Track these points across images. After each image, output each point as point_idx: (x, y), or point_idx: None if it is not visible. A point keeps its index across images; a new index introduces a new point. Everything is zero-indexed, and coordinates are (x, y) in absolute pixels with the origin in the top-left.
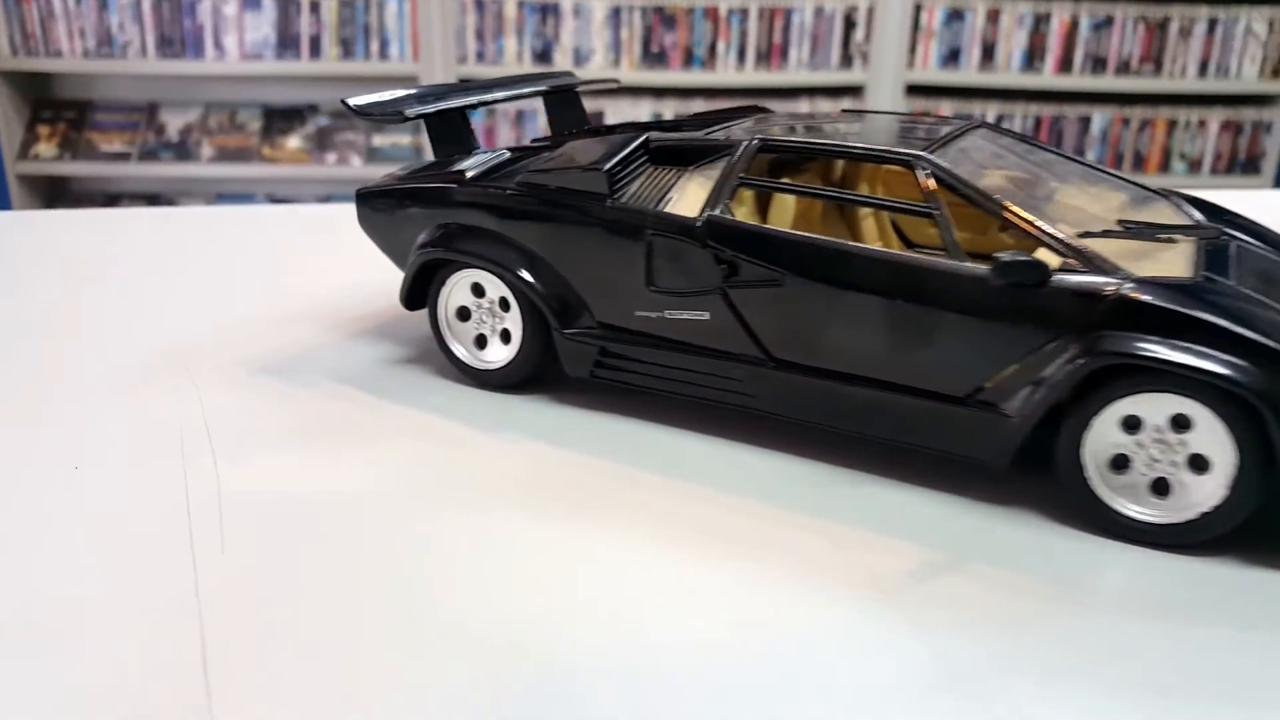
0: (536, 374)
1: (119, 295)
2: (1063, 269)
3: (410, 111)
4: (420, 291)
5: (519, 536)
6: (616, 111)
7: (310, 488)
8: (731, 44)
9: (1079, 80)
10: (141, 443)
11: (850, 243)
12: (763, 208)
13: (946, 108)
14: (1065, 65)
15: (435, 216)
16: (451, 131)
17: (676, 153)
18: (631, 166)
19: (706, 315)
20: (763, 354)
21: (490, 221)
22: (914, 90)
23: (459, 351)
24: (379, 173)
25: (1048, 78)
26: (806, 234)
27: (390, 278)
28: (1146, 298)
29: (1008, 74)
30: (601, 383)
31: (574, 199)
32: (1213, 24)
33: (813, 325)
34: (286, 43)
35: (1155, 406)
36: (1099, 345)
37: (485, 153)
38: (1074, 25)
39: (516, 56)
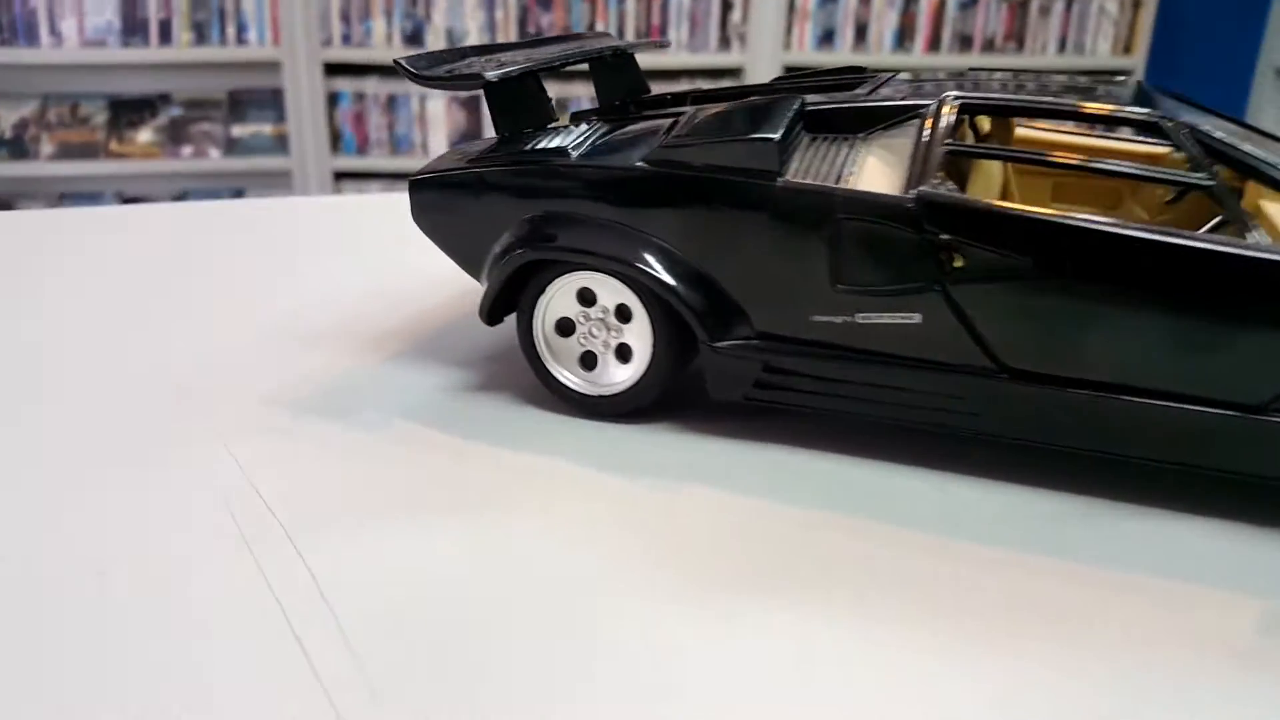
0: (661, 397)
1: (82, 314)
2: None
3: (492, 74)
4: (507, 301)
5: (774, 630)
6: None
7: (442, 571)
8: (609, 25)
9: (947, 58)
10: (180, 529)
11: (1126, 222)
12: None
13: None
14: (934, 44)
15: (529, 207)
16: (523, 101)
17: (836, 120)
18: (793, 135)
19: (917, 318)
20: (993, 363)
21: (609, 211)
22: (792, 70)
23: (562, 375)
24: (240, 166)
25: (918, 57)
26: (1067, 213)
27: (412, 280)
28: None
29: (880, 53)
30: (752, 405)
31: (731, 178)
32: (1070, 3)
33: (1066, 326)
34: (132, 28)
35: None
36: None
37: (570, 127)
38: (942, 5)
39: (386, 39)
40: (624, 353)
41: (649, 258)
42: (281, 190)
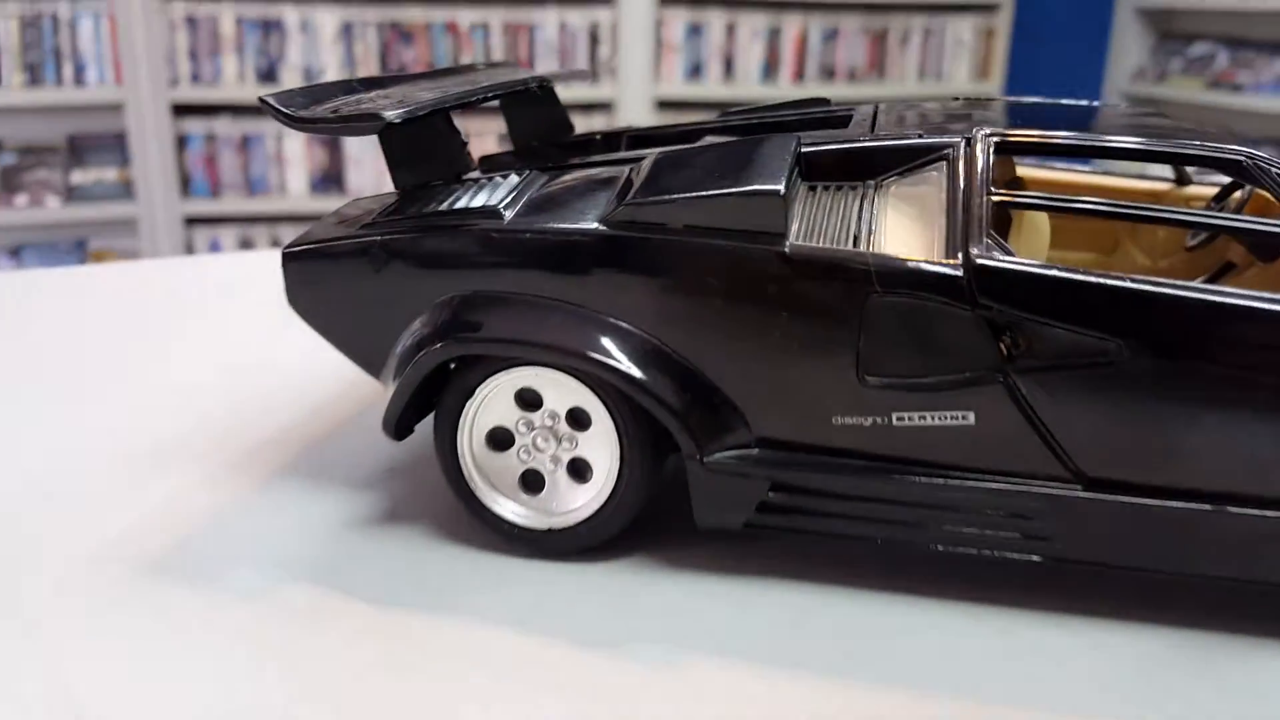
0: (628, 527)
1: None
2: None
3: (394, 113)
4: (420, 409)
5: None
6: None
7: None
8: (474, 59)
9: (813, 89)
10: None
11: (1254, 292)
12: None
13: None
14: (800, 75)
15: (448, 284)
16: (431, 146)
17: (840, 164)
18: (792, 188)
19: (971, 417)
20: (1067, 472)
21: (556, 287)
22: (664, 105)
23: (498, 504)
24: (82, 215)
25: (785, 88)
26: (1178, 283)
27: (290, 364)
28: None
29: (748, 85)
30: (754, 532)
31: (722, 242)
32: (927, 34)
33: (1167, 421)
34: None
35: None
36: None
37: (494, 179)
38: (805, 38)
39: (238, 77)
40: (579, 470)
41: (612, 347)
42: (127, 238)
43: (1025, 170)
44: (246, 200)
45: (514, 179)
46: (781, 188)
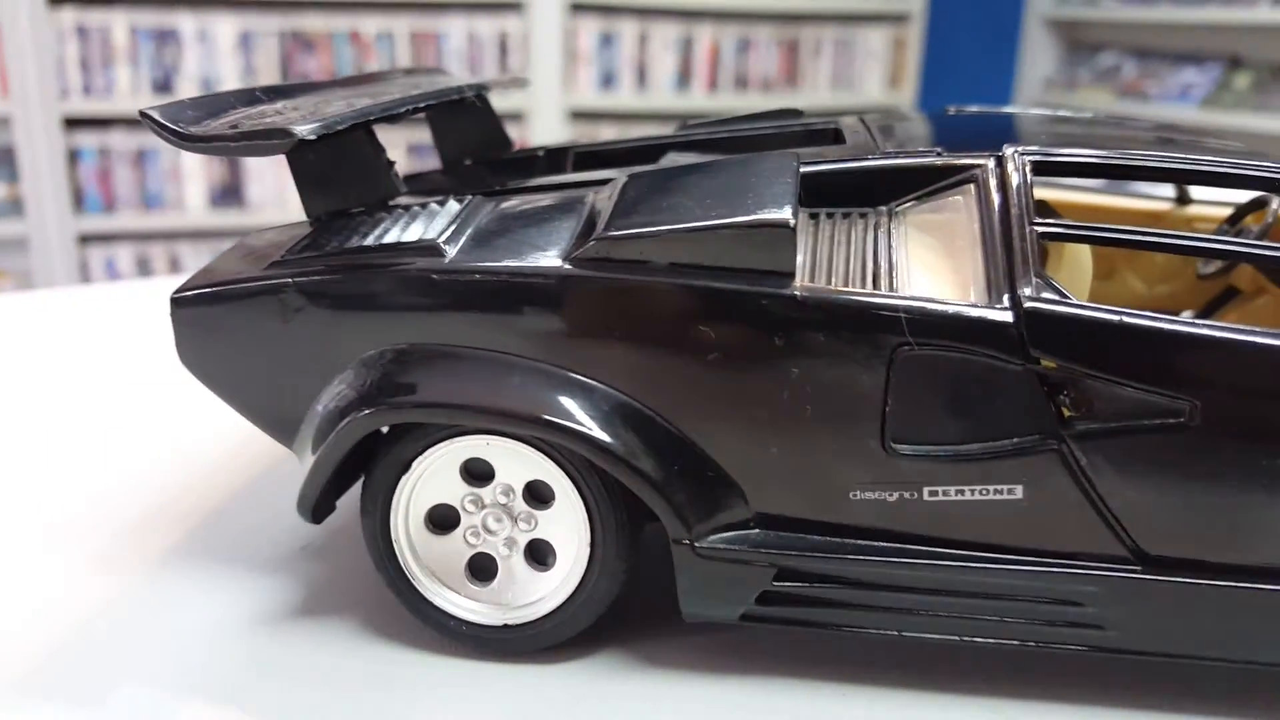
0: (596, 620)
1: None
2: None
3: (306, 129)
4: (343, 484)
5: None
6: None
7: None
8: (378, 69)
9: (726, 99)
10: None
11: None
12: None
13: (608, 131)
14: (714, 85)
15: (375, 336)
16: (351, 167)
17: (846, 187)
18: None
19: (1019, 491)
20: (1128, 551)
21: (510, 339)
22: (576, 115)
23: (441, 597)
24: None
25: (698, 98)
26: (1258, 329)
27: (178, 417)
28: None
29: (662, 96)
30: (752, 626)
31: (717, 284)
32: (839, 44)
33: (1251, 492)
34: None
35: None
36: None
37: (430, 207)
38: (718, 48)
39: (132, 88)
40: (539, 554)
41: (580, 410)
42: (18, 257)
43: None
44: (143, 216)
45: (454, 206)
46: (791, 218)
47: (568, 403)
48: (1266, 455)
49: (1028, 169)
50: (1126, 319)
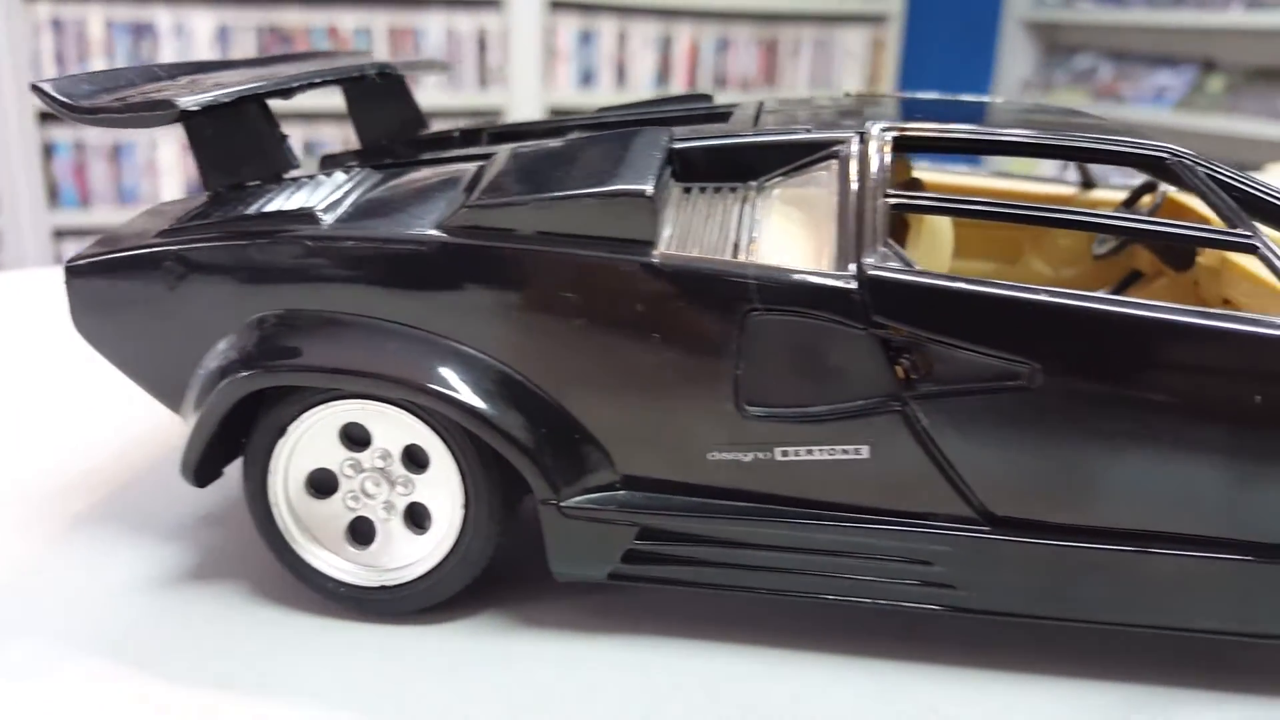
0: (473, 581)
1: None
2: None
3: (189, 101)
4: (225, 450)
5: None
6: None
7: None
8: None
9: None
10: None
11: (1193, 308)
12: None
13: None
14: (692, 84)
15: (256, 302)
16: (244, 141)
17: (718, 163)
18: (662, 189)
19: (865, 451)
20: (974, 512)
21: (385, 305)
22: (556, 113)
23: (320, 559)
24: None
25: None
26: (1101, 296)
27: (76, 397)
28: None
29: (641, 93)
30: (621, 584)
31: (581, 252)
32: (817, 44)
33: (1088, 455)
34: None
35: None
36: None
37: (319, 178)
38: (697, 47)
39: None
40: (418, 517)
41: (452, 376)
42: None
43: (924, 174)
44: (119, 211)
45: (340, 178)
46: (650, 188)
47: (439, 368)
48: (1103, 417)
49: (888, 144)
50: (964, 285)
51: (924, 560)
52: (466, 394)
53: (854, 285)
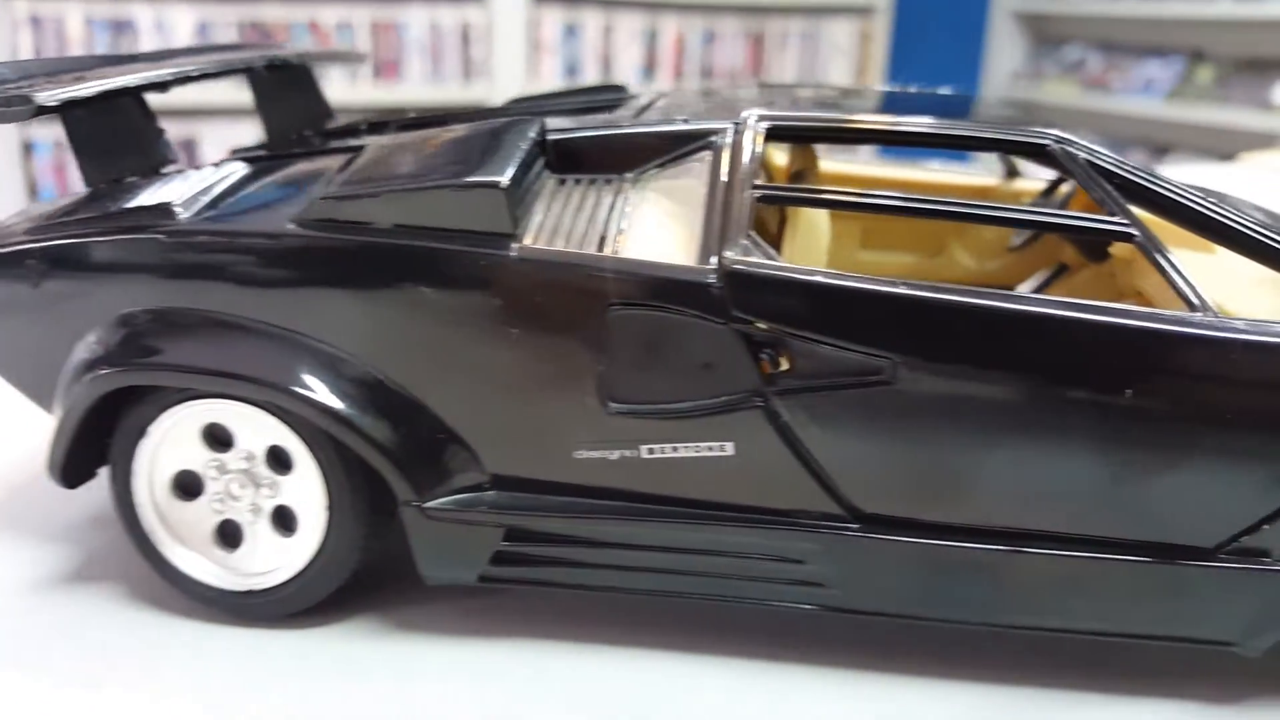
0: (343, 584)
1: None
2: None
3: (46, 96)
4: (91, 452)
5: None
6: (212, 135)
7: None
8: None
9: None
10: None
11: (1060, 300)
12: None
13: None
14: (679, 76)
15: (117, 299)
16: (119, 135)
17: (592, 154)
18: (528, 179)
19: (729, 448)
20: (843, 509)
21: (243, 302)
22: (529, 96)
23: (186, 561)
24: None
25: (664, 89)
26: (951, 286)
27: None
28: None
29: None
30: (493, 587)
31: (438, 245)
32: (804, 37)
33: (949, 451)
34: None
35: None
36: None
37: (186, 174)
38: (683, 40)
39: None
40: (287, 520)
41: (308, 375)
42: None
43: (847, 168)
44: None
45: (208, 172)
46: (504, 179)
47: (294, 367)
48: (967, 414)
49: (762, 134)
50: (822, 279)
51: (795, 559)
52: (322, 393)
53: (713, 279)
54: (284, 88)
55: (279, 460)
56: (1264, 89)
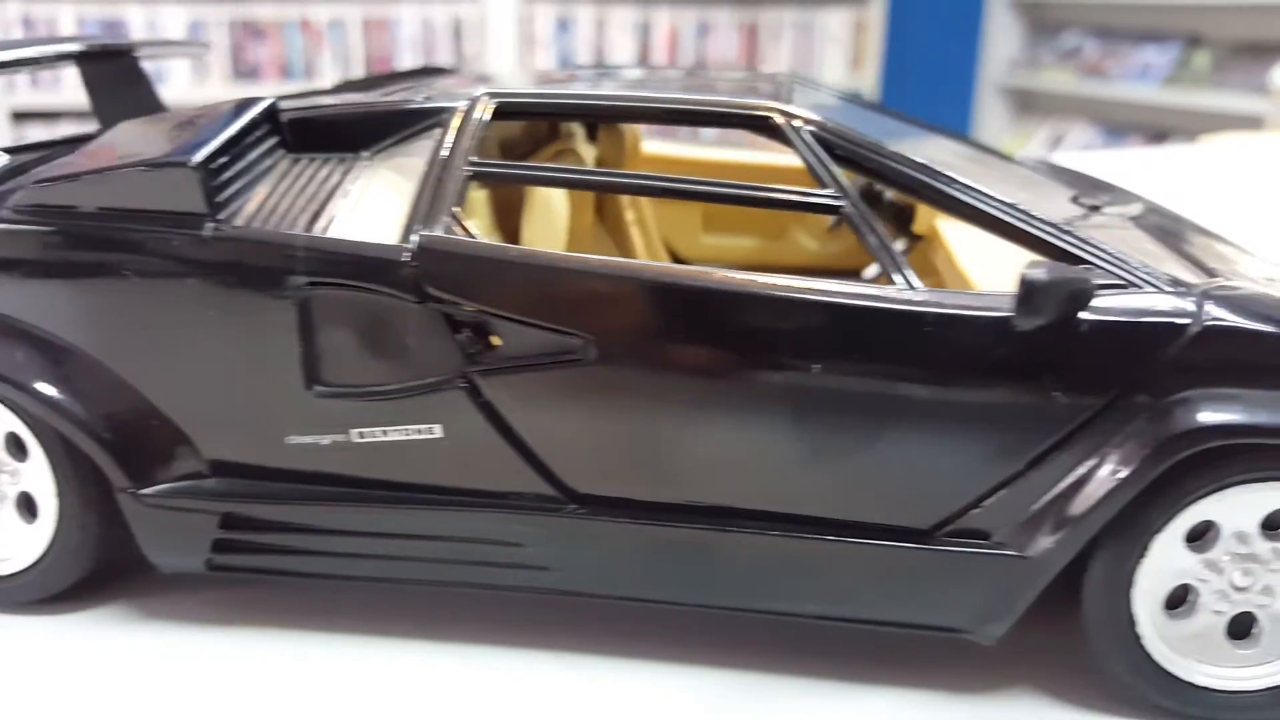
0: (95, 567)
1: None
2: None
3: None
4: None
5: None
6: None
7: None
8: (335, 57)
9: None
10: None
11: (745, 274)
12: (504, 221)
13: None
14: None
15: None
16: None
17: (332, 131)
18: (249, 158)
19: (438, 430)
20: (557, 490)
21: None
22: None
23: None
24: None
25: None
26: (639, 262)
27: None
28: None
29: None
30: (225, 575)
31: (136, 227)
32: (799, 28)
33: (658, 430)
34: None
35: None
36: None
37: None
38: (676, 32)
39: (81, 82)
40: (31, 504)
41: (20, 360)
42: None
43: (677, 151)
44: None
45: None
46: (196, 158)
47: (11, 353)
48: (662, 391)
49: (489, 111)
50: (512, 255)
51: (513, 542)
52: (31, 378)
53: (406, 257)
54: (114, 81)
55: (20, 447)
56: (1261, 73)
